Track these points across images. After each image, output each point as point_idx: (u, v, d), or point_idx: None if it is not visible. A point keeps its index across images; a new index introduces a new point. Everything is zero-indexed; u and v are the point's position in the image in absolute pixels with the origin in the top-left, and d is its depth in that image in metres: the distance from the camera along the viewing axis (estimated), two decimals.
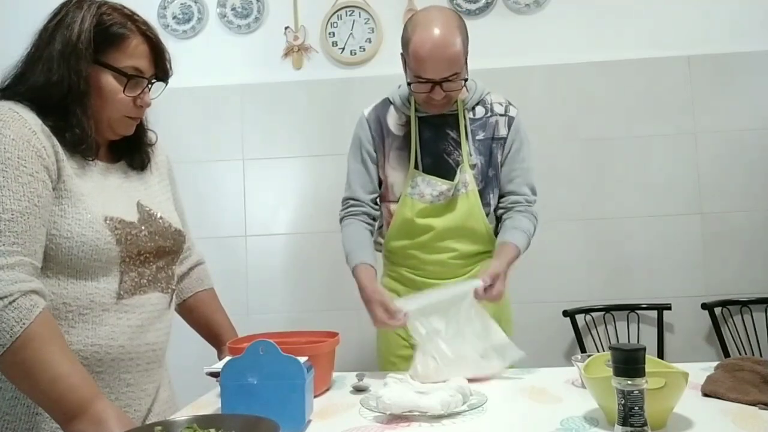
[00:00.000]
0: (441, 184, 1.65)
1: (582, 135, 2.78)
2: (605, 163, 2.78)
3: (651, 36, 2.77)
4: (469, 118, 1.70)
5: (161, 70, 1.22)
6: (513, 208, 1.71)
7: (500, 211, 1.75)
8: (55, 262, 1.08)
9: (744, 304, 2.64)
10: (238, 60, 2.91)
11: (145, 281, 1.19)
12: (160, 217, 1.24)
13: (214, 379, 1.22)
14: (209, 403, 1.29)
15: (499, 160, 1.70)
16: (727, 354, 2.59)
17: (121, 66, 1.15)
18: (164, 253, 1.24)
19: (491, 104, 1.72)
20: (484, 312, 1.47)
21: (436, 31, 1.51)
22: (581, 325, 2.65)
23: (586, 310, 2.67)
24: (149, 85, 1.20)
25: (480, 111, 1.71)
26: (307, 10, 2.89)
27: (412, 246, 1.70)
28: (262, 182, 2.89)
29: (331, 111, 2.85)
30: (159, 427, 0.89)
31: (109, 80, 1.15)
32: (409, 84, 1.60)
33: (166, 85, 1.24)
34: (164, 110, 1.35)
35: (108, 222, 1.12)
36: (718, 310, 2.63)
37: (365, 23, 2.87)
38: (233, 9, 2.91)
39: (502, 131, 1.70)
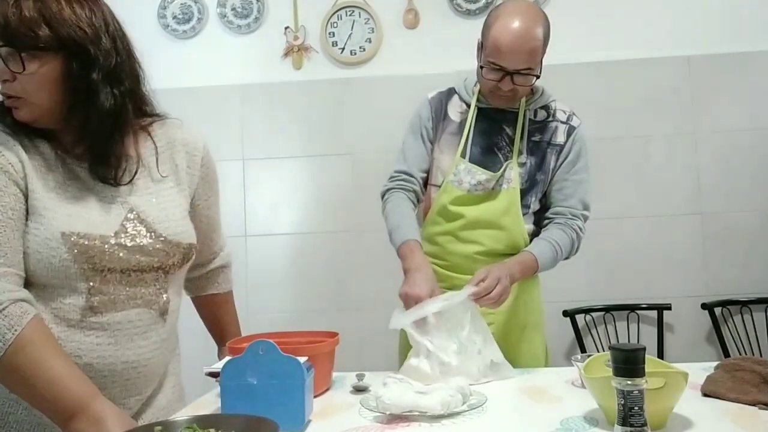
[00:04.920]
0: (481, 174, 1.62)
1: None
2: (605, 163, 2.77)
3: (651, 36, 2.77)
4: (529, 119, 1.67)
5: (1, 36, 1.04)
6: (554, 219, 1.66)
7: (544, 222, 1.68)
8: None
9: (744, 304, 2.64)
10: (238, 60, 2.91)
11: (122, 297, 1.12)
12: (148, 231, 1.15)
13: (214, 379, 1.22)
14: (209, 403, 1.28)
15: (551, 166, 1.66)
16: (727, 354, 2.59)
17: None
18: (149, 269, 1.15)
19: (554, 110, 1.70)
20: (487, 328, 1.44)
21: (521, 22, 1.52)
22: (581, 325, 2.65)
23: (586, 310, 2.67)
24: None
25: (542, 114, 1.69)
26: (307, 10, 2.89)
27: (441, 233, 1.67)
28: (263, 182, 2.89)
29: (331, 111, 2.86)
30: (159, 427, 0.89)
31: None
32: (481, 67, 1.59)
33: (18, 49, 1.04)
34: (164, 110, 1.34)
35: (65, 237, 1.06)
36: (718, 310, 2.63)
37: (365, 23, 2.87)
38: (233, 9, 2.91)
39: (560, 138, 1.67)
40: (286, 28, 2.89)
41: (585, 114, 2.77)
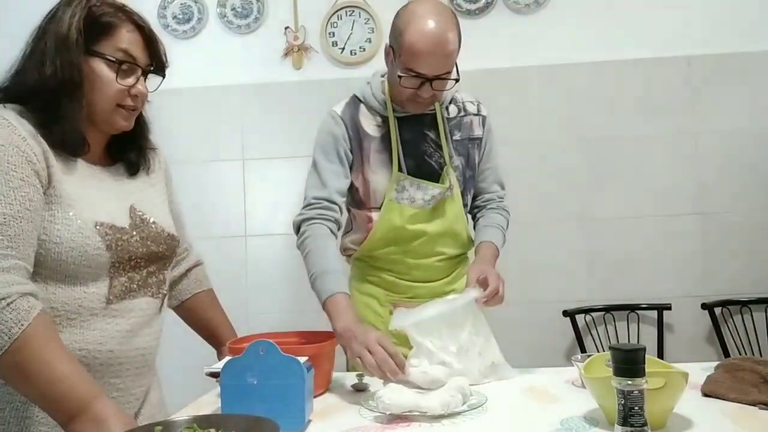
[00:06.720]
0: (432, 188, 1.58)
1: (582, 135, 2.78)
2: (605, 163, 2.77)
3: (651, 36, 2.77)
4: (446, 118, 1.65)
5: (156, 60, 1.20)
6: (486, 206, 1.74)
7: (474, 210, 1.76)
8: (44, 266, 1.07)
9: (744, 304, 2.64)
10: (238, 60, 2.90)
11: (135, 286, 1.17)
12: (153, 222, 1.22)
13: (214, 379, 1.22)
14: (209, 403, 1.29)
15: (476, 160, 1.68)
16: (727, 354, 2.59)
17: (113, 53, 1.14)
18: (156, 258, 1.22)
19: (463, 103, 1.68)
20: (488, 329, 1.44)
21: (435, 25, 1.42)
22: (581, 325, 2.65)
23: (586, 310, 2.67)
24: (144, 75, 1.18)
25: (453, 110, 1.67)
26: (307, 10, 2.88)
27: (399, 252, 1.63)
28: (262, 182, 2.89)
29: None
30: (159, 427, 0.89)
31: (102, 68, 1.13)
32: (399, 77, 1.48)
33: (164, 77, 1.23)
34: (164, 110, 1.34)
35: (98, 228, 1.10)
36: (718, 310, 2.63)
37: (365, 23, 2.87)
38: (233, 9, 2.91)
39: (477, 131, 1.68)
40: (286, 28, 2.89)
41: (585, 114, 2.80)
